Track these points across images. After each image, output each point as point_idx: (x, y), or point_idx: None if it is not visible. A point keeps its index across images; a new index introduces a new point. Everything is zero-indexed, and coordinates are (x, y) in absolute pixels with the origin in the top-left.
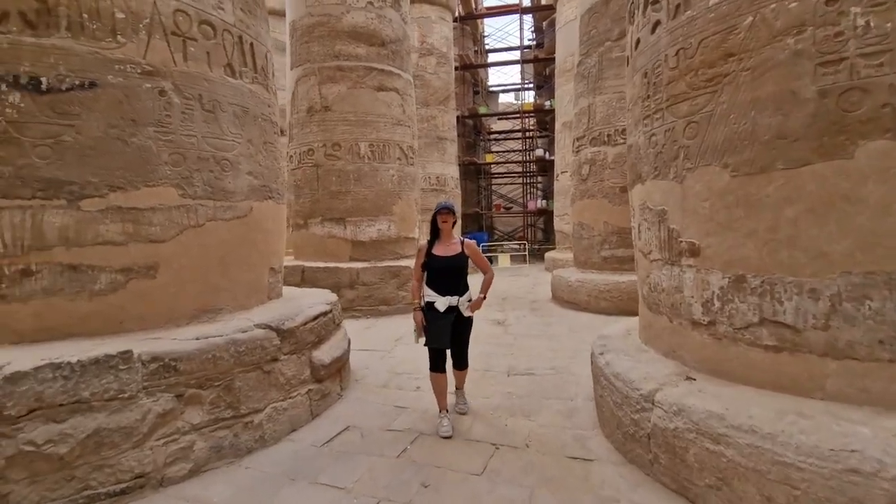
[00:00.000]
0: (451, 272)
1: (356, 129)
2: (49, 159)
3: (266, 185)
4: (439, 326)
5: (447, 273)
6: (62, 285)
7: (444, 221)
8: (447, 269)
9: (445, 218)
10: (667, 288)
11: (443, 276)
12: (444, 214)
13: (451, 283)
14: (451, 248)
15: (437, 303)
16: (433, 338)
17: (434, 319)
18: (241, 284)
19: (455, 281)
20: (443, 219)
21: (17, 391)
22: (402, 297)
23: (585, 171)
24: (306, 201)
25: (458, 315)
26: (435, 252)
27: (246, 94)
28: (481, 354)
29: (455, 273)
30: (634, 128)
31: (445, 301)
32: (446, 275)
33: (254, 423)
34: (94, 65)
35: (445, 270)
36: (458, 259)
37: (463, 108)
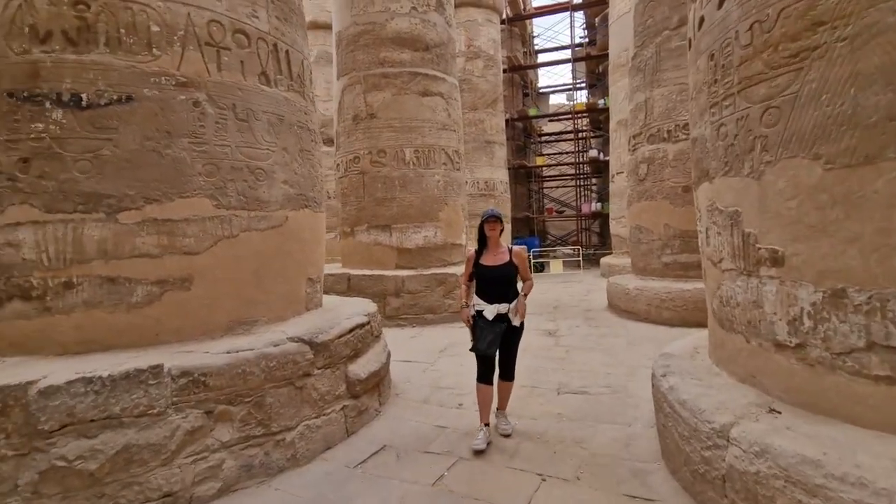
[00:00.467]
0: (500, 281)
1: (401, 136)
2: (89, 173)
3: (302, 194)
4: (488, 334)
5: (495, 282)
6: (101, 298)
7: (491, 230)
8: (496, 278)
9: (493, 226)
10: (742, 302)
11: (491, 285)
12: (491, 223)
13: (500, 291)
14: (500, 256)
15: (485, 311)
16: (482, 344)
17: (483, 327)
18: (276, 295)
19: (504, 289)
20: (490, 227)
21: (50, 405)
22: (448, 305)
23: (643, 171)
24: (353, 209)
25: (508, 324)
26: (483, 262)
27: (281, 101)
28: (529, 369)
29: (504, 282)
30: (699, 118)
31: (494, 309)
32: (494, 284)
33: (285, 441)
34: (131, 79)
35: (494, 280)
36: (507, 268)
37: (512, 110)
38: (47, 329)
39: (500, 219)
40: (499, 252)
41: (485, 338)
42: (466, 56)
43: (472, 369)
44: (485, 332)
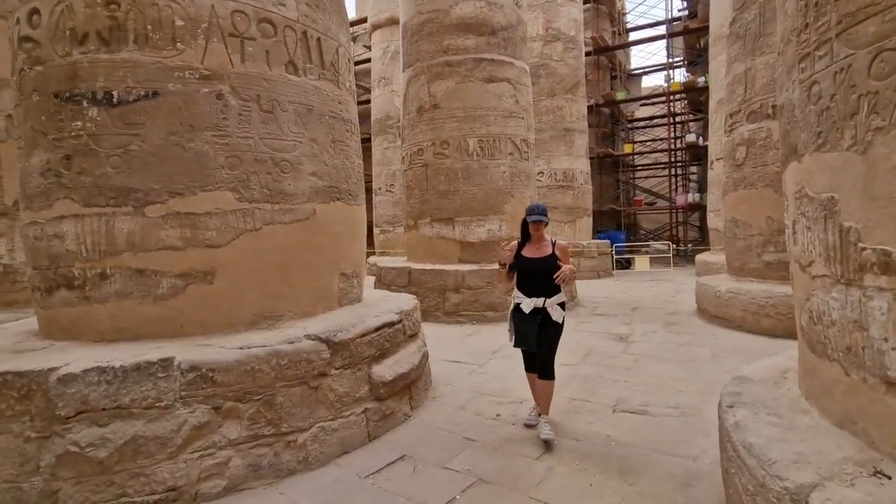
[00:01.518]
0: (539, 274)
1: (464, 125)
2: (119, 168)
3: (334, 186)
4: (524, 328)
5: (535, 275)
6: (131, 289)
7: (536, 230)
8: (535, 270)
9: (537, 227)
10: (839, 321)
11: (530, 278)
12: (535, 224)
13: (539, 285)
14: (542, 249)
15: (522, 304)
16: (519, 339)
17: (520, 321)
18: (304, 290)
19: (543, 283)
20: (534, 227)
21: (67, 392)
22: (509, 302)
23: (741, 155)
24: (416, 202)
25: (546, 318)
26: (524, 253)
27: (310, 91)
28: (585, 378)
29: (543, 275)
30: (787, 78)
31: (531, 303)
32: (533, 276)
33: (297, 442)
34: (157, 74)
35: (533, 272)
36: (547, 261)
37: (597, 95)
38: (87, 317)
39: (545, 217)
40: (541, 245)
41: (522, 333)
42: (544, 39)
43: (522, 374)
44: (522, 326)
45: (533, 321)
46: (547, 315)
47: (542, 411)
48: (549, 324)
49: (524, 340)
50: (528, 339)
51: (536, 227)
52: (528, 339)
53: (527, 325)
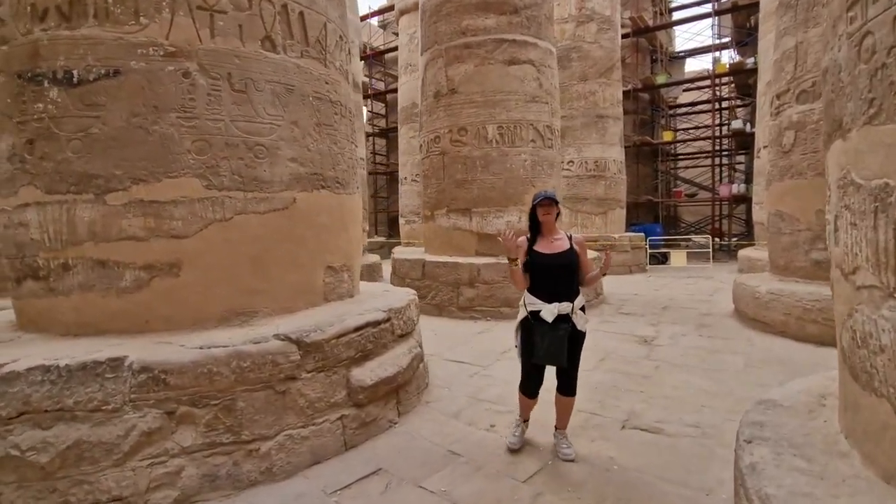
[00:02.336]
0: (559, 272)
1: (483, 111)
2: (80, 153)
3: (318, 174)
4: (552, 339)
5: (554, 274)
6: (94, 281)
7: (545, 214)
8: (554, 268)
9: (547, 210)
10: (891, 347)
11: (549, 277)
12: (545, 206)
13: (560, 286)
14: (557, 243)
15: (542, 311)
16: (545, 354)
17: (543, 332)
18: (282, 285)
19: (564, 283)
20: (544, 211)
21: (9, 392)
22: None
23: (788, 140)
24: (433, 191)
25: (572, 327)
26: (538, 249)
27: (291, 70)
28: (596, 386)
29: (564, 274)
30: (832, 34)
31: (553, 309)
32: (553, 276)
33: (259, 451)
34: (118, 51)
35: (552, 270)
36: (567, 256)
37: (635, 80)
38: (52, 309)
39: (555, 201)
40: (556, 239)
41: (549, 346)
42: (577, 20)
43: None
44: (547, 338)
45: (559, 331)
46: (572, 323)
47: (560, 425)
48: (573, 336)
49: (553, 355)
50: (557, 355)
51: (547, 210)
52: (557, 353)
53: (553, 337)
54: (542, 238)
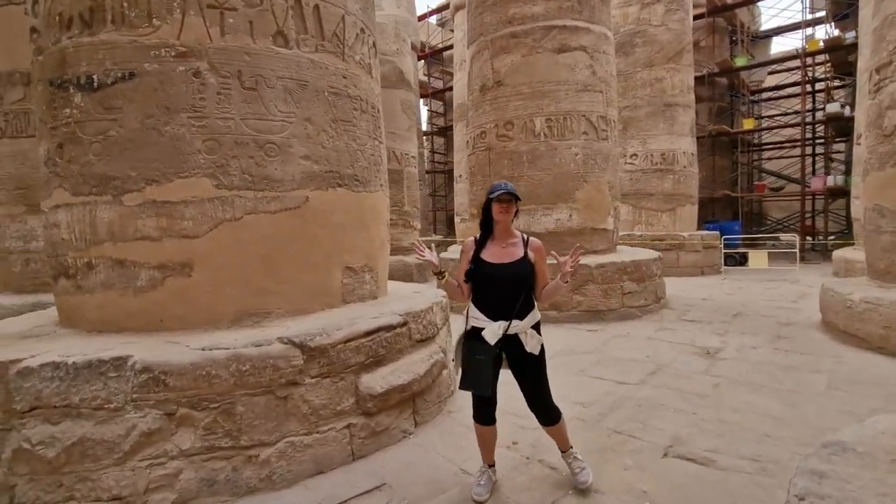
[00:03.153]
0: (507, 286)
1: (530, 103)
2: (100, 155)
3: (334, 171)
4: (482, 366)
5: (501, 287)
6: (114, 280)
7: (503, 212)
8: (501, 280)
9: (505, 207)
10: None
11: (495, 291)
12: (503, 203)
13: (508, 301)
14: (509, 250)
15: (485, 331)
16: (470, 378)
17: (476, 354)
18: (296, 286)
19: (513, 299)
20: (501, 208)
21: (24, 386)
22: (576, 301)
23: (891, 122)
24: (479, 189)
25: (519, 349)
26: (485, 257)
27: (304, 65)
28: (641, 403)
29: (512, 287)
30: None
31: (497, 329)
32: (500, 289)
33: (259, 458)
34: (133, 54)
35: (498, 283)
36: (518, 267)
37: (710, 63)
38: (81, 307)
39: (515, 197)
40: (508, 244)
41: (477, 371)
42: (641, 2)
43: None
44: (478, 361)
45: (490, 353)
46: (519, 345)
47: (563, 447)
48: (525, 359)
49: (476, 380)
50: (480, 379)
51: (505, 208)
52: (480, 378)
53: (481, 358)
54: (492, 242)
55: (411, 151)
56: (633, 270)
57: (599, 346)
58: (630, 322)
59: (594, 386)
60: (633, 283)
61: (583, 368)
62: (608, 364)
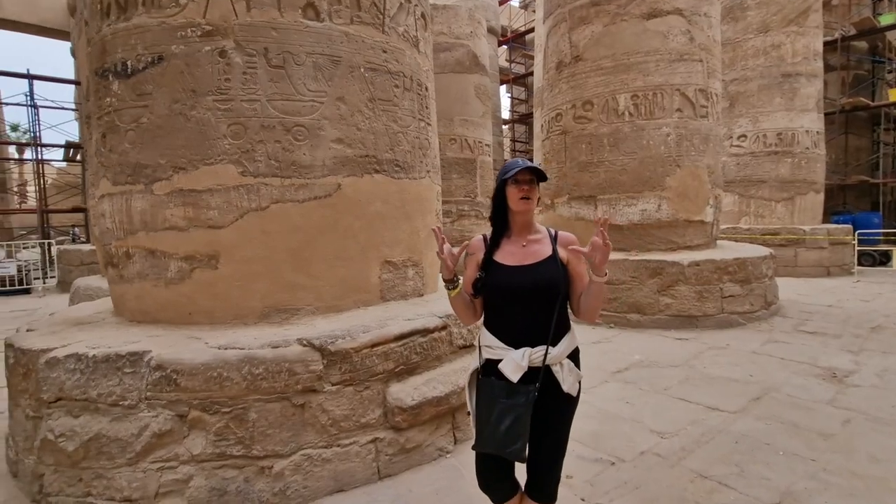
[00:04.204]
0: (533, 297)
1: (613, 78)
2: (134, 143)
3: (370, 156)
4: (503, 413)
5: (524, 299)
6: (147, 270)
7: (522, 196)
8: (524, 290)
9: (527, 191)
10: None
11: (515, 305)
12: (523, 185)
13: (533, 319)
14: (532, 249)
15: (503, 363)
16: (488, 435)
17: (492, 395)
18: (328, 281)
19: (541, 315)
20: (522, 192)
21: (50, 377)
22: (664, 304)
23: None
24: (553, 177)
25: (549, 389)
26: (499, 259)
27: (337, 39)
28: (739, 440)
29: (540, 298)
30: None
31: (521, 360)
32: (522, 303)
33: (273, 470)
34: (161, 37)
35: (520, 294)
36: (546, 270)
37: (845, 24)
38: (123, 296)
39: (539, 175)
40: (530, 240)
41: (495, 420)
42: None
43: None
44: (497, 407)
45: (519, 398)
46: (552, 382)
47: None
48: (555, 402)
49: (505, 440)
50: (512, 438)
51: (526, 191)
52: (512, 437)
53: (510, 409)
54: (508, 240)
55: (485, 139)
56: (737, 270)
57: (689, 359)
58: (730, 331)
59: (678, 410)
60: (735, 285)
61: (666, 386)
62: (698, 383)
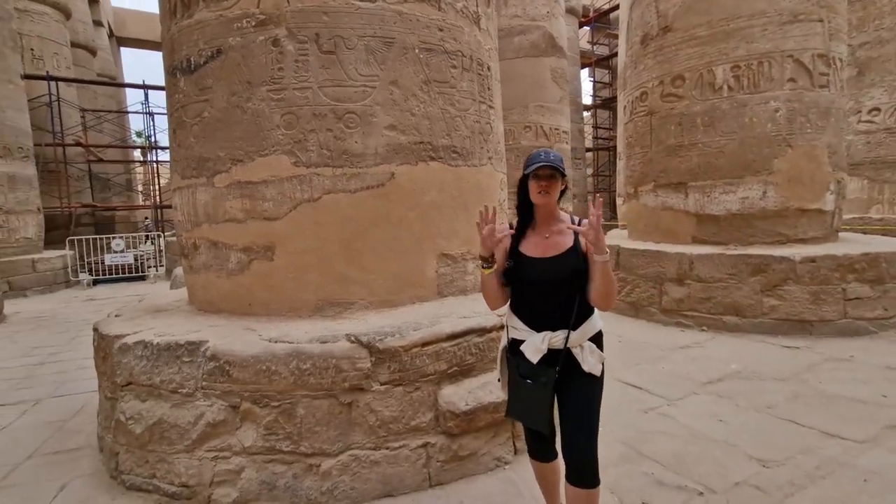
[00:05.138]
0: (555, 287)
1: (709, 49)
2: (198, 137)
3: (425, 142)
4: (527, 390)
5: (547, 289)
6: (211, 261)
7: (542, 191)
8: (546, 280)
9: (548, 185)
10: None
11: (539, 294)
12: (543, 179)
13: (555, 307)
14: (554, 240)
15: (524, 345)
16: (517, 406)
17: (519, 375)
18: (381, 275)
19: (563, 303)
20: (541, 187)
21: (122, 362)
22: (768, 306)
23: None
24: (637, 163)
25: (572, 369)
26: (524, 250)
27: (389, 19)
28: (870, 477)
29: (562, 288)
30: None
31: (540, 344)
32: (545, 292)
33: (321, 468)
34: (220, 30)
35: (542, 284)
36: (567, 261)
37: None
38: (193, 286)
39: (559, 171)
40: (553, 231)
41: (522, 396)
42: None
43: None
44: (521, 386)
45: (540, 378)
46: (573, 363)
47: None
48: (579, 381)
49: (525, 411)
50: (530, 411)
51: (546, 186)
52: (530, 409)
53: (528, 386)
54: (532, 231)
55: (563, 125)
56: (865, 268)
57: (800, 372)
58: (855, 340)
59: (785, 435)
60: (863, 286)
61: (769, 404)
62: (812, 402)
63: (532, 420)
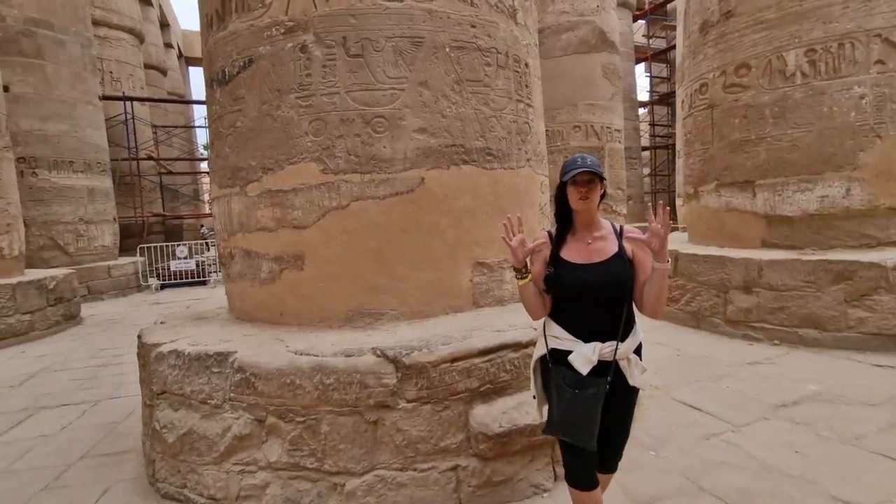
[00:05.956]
0: (603, 296)
1: (778, 32)
2: (232, 147)
3: (457, 145)
4: (572, 402)
5: (593, 298)
6: (245, 270)
7: (583, 197)
8: (593, 288)
9: (585, 192)
10: None
11: (585, 303)
12: (581, 186)
13: (603, 317)
14: (597, 246)
15: (573, 355)
16: (562, 421)
17: (564, 386)
18: (412, 284)
19: (611, 313)
20: (581, 193)
21: (157, 370)
22: (855, 318)
23: None
24: (696, 161)
25: (618, 382)
26: (566, 256)
27: (418, 17)
28: None
29: (610, 297)
30: None
31: (591, 354)
32: (592, 302)
33: (345, 488)
34: (251, 39)
35: (588, 292)
36: (613, 268)
37: None
38: (230, 294)
39: (599, 175)
40: (595, 237)
41: (568, 408)
42: None
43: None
44: (567, 398)
45: (588, 389)
46: (619, 376)
47: None
48: (622, 394)
49: (569, 426)
50: (575, 426)
51: (584, 192)
52: (576, 424)
53: (575, 398)
54: (573, 237)
55: (615, 124)
56: None
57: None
58: None
59: (879, 473)
60: None
61: (858, 434)
62: None
63: (577, 435)
